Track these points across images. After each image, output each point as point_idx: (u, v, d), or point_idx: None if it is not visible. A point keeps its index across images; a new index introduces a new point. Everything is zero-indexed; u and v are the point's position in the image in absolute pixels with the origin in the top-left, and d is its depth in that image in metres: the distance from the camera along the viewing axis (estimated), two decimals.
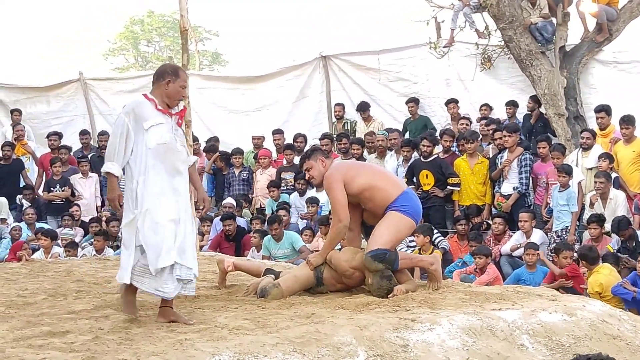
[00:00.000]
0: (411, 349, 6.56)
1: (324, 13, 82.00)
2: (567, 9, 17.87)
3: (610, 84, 17.61)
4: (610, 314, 7.81)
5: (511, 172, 15.87)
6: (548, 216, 15.21)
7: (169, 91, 7.70)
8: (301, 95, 21.11)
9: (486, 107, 18.50)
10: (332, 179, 8.89)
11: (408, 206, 8.88)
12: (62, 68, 62.59)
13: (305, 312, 7.42)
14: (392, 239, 8.74)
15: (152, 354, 6.02)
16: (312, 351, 6.25)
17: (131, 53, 62.24)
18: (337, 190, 8.81)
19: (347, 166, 9.36)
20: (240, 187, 18.97)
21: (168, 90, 7.70)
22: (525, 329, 7.11)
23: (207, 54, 59.09)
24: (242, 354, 6.04)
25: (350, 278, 8.85)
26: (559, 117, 17.29)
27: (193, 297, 8.27)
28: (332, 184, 8.87)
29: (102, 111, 22.58)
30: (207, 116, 21.66)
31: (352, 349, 6.40)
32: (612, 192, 14.77)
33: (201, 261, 11.52)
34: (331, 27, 71.52)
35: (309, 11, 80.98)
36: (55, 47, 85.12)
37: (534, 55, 17.62)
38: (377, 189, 8.88)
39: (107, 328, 7.05)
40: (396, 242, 8.99)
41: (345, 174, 8.93)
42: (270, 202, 17.89)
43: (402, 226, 8.84)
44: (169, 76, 7.71)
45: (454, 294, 8.16)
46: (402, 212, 8.82)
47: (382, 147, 17.59)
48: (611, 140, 15.92)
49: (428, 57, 19.31)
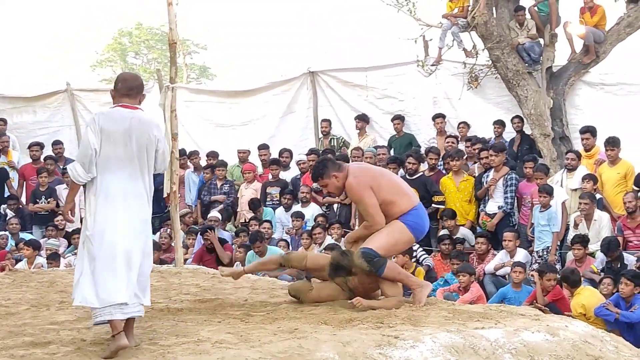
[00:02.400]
0: None
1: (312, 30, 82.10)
2: (554, 30, 17.96)
3: (596, 105, 17.69)
4: (593, 335, 7.82)
5: (497, 191, 15.91)
6: (533, 236, 15.24)
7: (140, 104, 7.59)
8: (288, 110, 21.11)
9: (464, 125, 18.57)
10: (360, 188, 8.83)
11: (415, 223, 8.92)
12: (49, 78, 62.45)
13: (289, 327, 7.40)
14: (387, 247, 8.78)
15: None
16: None
17: (119, 65, 62.11)
18: (368, 197, 8.77)
19: (370, 176, 9.09)
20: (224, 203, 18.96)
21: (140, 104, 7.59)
22: (508, 348, 7.11)
23: (195, 67, 59.09)
24: None
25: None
26: (545, 137, 17.35)
27: (176, 310, 8.30)
28: (361, 192, 8.83)
29: (89, 123, 22.46)
30: (194, 129, 21.64)
31: None
32: (597, 214, 14.82)
33: (185, 274, 11.54)
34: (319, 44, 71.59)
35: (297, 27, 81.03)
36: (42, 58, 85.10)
37: (520, 76, 17.69)
38: (393, 204, 8.89)
39: (90, 339, 7.04)
40: (391, 252, 9.04)
41: (370, 183, 8.87)
42: None
43: (402, 239, 8.91)
44: (143, 90, 7.68)
45: (437, 312, 8.16)
46: (408, 225, 8.86)
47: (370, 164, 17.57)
48: (596, 162, 15.98)
49: (415, 75, 19.35)
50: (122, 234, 7.11)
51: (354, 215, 17.52)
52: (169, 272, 11.88)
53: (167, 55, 33.96)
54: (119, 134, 7.28)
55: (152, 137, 7.40)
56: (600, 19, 17.65)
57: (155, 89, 19.59)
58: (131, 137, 7.28)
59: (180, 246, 12.88)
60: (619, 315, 11.95)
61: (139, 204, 7.27)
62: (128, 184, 7.24)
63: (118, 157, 7.25)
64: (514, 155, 17.48)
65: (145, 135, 7.35)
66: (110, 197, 7.17)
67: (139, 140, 7.31)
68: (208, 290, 10.29)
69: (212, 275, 11.61)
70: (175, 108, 12.52)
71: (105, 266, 7.01)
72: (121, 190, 7.20)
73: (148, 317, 8.17)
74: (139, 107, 7.51)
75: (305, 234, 16.31)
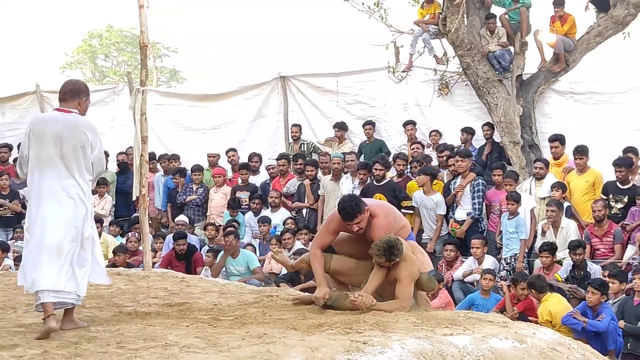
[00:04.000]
0: None
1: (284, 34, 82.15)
2: (525, 38, 18.05)
3: (565, 114, 17.81)
4: (560, 342, 7.85)
5: (464, 198, 15.97)
6: (501, 243, 15.31)
7: (82, 109, 8.10)
8: (259, 114, 21.10)
9: (436, 133, 18.64)
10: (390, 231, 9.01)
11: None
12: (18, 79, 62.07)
13: (257, 332, 7.38)
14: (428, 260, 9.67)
15: None
16: None
17: (88, 67, 61.81)
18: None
19: (396, 217, 9.45)
20: (195, 203, 18.92)
21: (82, 108, 8.09)
22: (476, 354, 7.12)
23: (165, 71, 58.89)
24: None
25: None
26: (514, 145, 17.42)
27: (144, 313, 8.29)
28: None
29: None
30: (164, 133, 21.59)
31: None
32: (564, 221, 14.91)
33: (153, 278, 11.50)
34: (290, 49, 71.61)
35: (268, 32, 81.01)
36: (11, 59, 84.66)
37: (491, 83, 17.77)
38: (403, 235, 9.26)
39: (57, 343, 6.99)
40: None
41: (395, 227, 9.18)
42: (226, 216, 17.97)
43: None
44: (84, 94, 8.15)
45: (405, 318, 8.16)
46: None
47: (338, 170, 17.61)
48: (564, 170, 16.07)
49: (386, 81, 19.40)
50: (50, 228, 7.64)
51: (321, 221, 17.55)
52: (137, 275, 11.84)
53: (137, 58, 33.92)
54: (49, 136, 7.78)
55: (84, 138, 7.85)
56: (570, 28, 17.77)
57: (125, 92, 19.61)
58: (62, 138, 7.77)
59: (149, 249, 12.83)
60: (586, 324, 12.01)
61: (68, 201, 7.73)
62: (57, 182, 7.74)
63: (49, 157, 7.77)
64: (482, 163, 17.54)
65: (76, 137, 7.81)
66: (42, 194, 7.75)
67: (70, 141, 7.78)
68: (176, 294, 10.24)
69: (181, 279, 11.58)
70: (145, 111, 12.48)
71: (34, 256, 7.66)
72: (50, 187, 7.74)
73: (116, 320, 8.14)
74: (73, 110, 8.00)
75: (274, 239, 16.29)
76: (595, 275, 13.64)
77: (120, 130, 21.02)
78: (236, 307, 9.15)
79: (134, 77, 13.40)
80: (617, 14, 17.42)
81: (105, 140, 21.30)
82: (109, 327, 7.65)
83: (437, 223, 16.02)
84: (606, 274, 13.30)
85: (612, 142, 16.30)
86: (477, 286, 14.28)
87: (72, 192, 7.77)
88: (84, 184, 7.85)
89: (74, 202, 7.76)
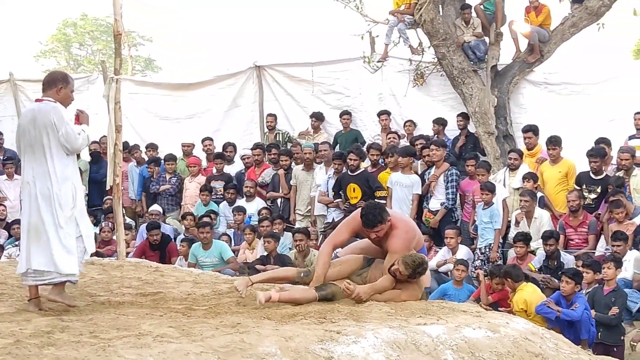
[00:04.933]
0: None
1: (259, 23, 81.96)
2: (500, 28, 18.08)
3: (540, 104, 17.86)
4: (533, 332, 7.89)
5: (438, 188, 15.99)
6: (475, 233, 15.34)
7: (62, 96, 8.55)
8: (234, 104, 21.04)
9: (410, 124, 18.65)
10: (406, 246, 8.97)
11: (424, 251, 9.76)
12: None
13: (231, 322, 7.38)
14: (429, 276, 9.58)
15: None
16: None
17: (63, 55, 61.48)
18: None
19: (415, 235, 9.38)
20: (169, 192, 18.86)
21: (60, 96, 8.54)
22: (449, 344, 7.15)
23: (140, 60, 58.67)
24: None
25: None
26: (489, 135, 17.46)
27: (118, 303, 8.29)
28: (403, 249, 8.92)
29: None
30: (138, 122, 21.52)
31: None
32: (537, 211, 14.96)
33: (127, 268, 11.47)
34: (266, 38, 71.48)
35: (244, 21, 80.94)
36: None
37: (466, 74, 17.79)
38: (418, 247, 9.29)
39: (29, 332, 6.95)
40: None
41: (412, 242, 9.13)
42: (199, 206, 17.89)
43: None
44: (61, 83, 8.58)
45: (379, 308, 8.18)
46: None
47: (309, 160, 17.59)
48: (537, 160, 16.12)
49: (361, 71, 19.38)
50: (27, 210, 8.27)
51: (294, 211, 17.57)
52: (111, 265, 11.80)
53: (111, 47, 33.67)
54: (26, 125, 8.42)
55: (49, 121, 8.28)
56: (545, 19, 17.81)
57: (99, 81, 19.48)
58: (34, 124, 8.34)
59: (122, 239, 12.76)
60: (560, 313, 12.05)
61: (43, 183, 8.23)
62: (35, 167, 8.32)
63: (27, 144, 8.39)
64: (456, 154, 17.57)
65: (43, 121, 8.30)
66: (24, 179, 8.44)
67: (39, 126, 8.31)
68: (150, 283, 10.23)
69: (155, 269, 11.55)
70: (120, 100, 12.41)
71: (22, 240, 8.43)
72: (30, 172, 8.34)
73: (89, 310, 8.12)
74: (48, 98, 8.49)
75: (248, 229, 16.26)
76: (569, 265, 13.70)
77: (94, 119, 20.86)
78: (210, 297, 9.15)
79: (109, 65, 13.29)
80: (591, 5, 17.47)
81: None
82: (82, 317, 7.62)
83: (412, 203, 16.01)
84: (580, 264, 13.35)
85: (586, 132, 16.37)
86: (451, 276, 14.31)
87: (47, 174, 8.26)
88: (59, 164, 8.31)
89: (48, 185, 8.23)
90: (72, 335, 6.88)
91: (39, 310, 8.07)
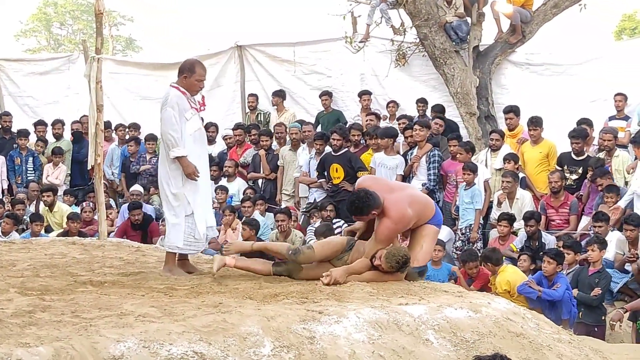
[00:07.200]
0: (317, 340, 6.56)
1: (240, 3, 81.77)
2: (482, 9, 18.11)
3: (521, 85, 17.91)
4: (515, 312, 7.91)
5: (420, 169, 16.01)
6: (457, 214, 15.37)
7: (186, 84, 9.29)
8: (215, 84, 20.96)
9: (393, 104, 18.67)
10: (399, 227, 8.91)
11: (440, 219, 9.35)
12: None
13: (213, 302, 7.37)
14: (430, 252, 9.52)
15: (55, 339, 5.92)
16: (219, 340, 6.22)
17: (43, 35, 61.29)
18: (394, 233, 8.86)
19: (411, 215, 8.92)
20: (149, 172, 18.79)
21: (185, 84, 9.29)
22: (431, 324, 7.16)
23: (121, 39, 58.53)
24: (147, 341, 5.99)
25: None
26: (470, 116, 17.50)
27: (99, 283, 8.28)
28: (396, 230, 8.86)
29: (12, 92, 22.22)
30: (119, 102, 21.46)
31: (259, 340, 6.38)
32: (519, 192, 15.01)
33: (109, 247, 11.44)
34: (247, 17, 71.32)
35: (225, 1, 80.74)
36: None
37: (448, 54, 17.80)
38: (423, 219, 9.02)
39: (11, 312, 6.92)
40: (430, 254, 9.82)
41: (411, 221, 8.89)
42: None
43: (436, 238, 9.56)
44: (186, 72, 9.28)
45: (361, 288, 8.18)
46: (437, 225, 9.21)
47: (296, 140, 17.60)
48: (519, 141, 16.14)
49: (343, 52, 19.37)
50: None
51: (280, 191, 17.55)
52: (92, 244, 11.76)
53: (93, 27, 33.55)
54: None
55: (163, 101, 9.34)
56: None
57: (80, 60, 19.38)
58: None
59: (104, 219, 12.71)
60: (542, 293, 12.10)
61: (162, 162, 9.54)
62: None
63: None
64: None
65: (163, 102, 9.42)
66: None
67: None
68: (132, 263, 10.20)
69: (136, 248, 11.52)
70: (101, 79, 12.35)
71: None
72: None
73: (70, 289, 8.09)
74: (175, 84, 9.40)
75: (227, 210, 16.18)
76: (550, 245, 13.74)
77: (76, 98, 20.88)
78: (192, 277, 9.14)
79: (90, 45, 13.21)
80: None
81: (60, 108, 21.40)
82: (63, 297, 7.59)
83: None
84: (561, 245, 13.41)
85: (567, 113, 16.42)
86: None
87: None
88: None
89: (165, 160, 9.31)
90: (54, 314, 6.86)
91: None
